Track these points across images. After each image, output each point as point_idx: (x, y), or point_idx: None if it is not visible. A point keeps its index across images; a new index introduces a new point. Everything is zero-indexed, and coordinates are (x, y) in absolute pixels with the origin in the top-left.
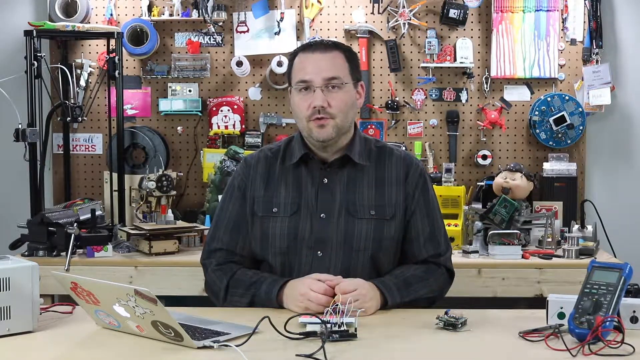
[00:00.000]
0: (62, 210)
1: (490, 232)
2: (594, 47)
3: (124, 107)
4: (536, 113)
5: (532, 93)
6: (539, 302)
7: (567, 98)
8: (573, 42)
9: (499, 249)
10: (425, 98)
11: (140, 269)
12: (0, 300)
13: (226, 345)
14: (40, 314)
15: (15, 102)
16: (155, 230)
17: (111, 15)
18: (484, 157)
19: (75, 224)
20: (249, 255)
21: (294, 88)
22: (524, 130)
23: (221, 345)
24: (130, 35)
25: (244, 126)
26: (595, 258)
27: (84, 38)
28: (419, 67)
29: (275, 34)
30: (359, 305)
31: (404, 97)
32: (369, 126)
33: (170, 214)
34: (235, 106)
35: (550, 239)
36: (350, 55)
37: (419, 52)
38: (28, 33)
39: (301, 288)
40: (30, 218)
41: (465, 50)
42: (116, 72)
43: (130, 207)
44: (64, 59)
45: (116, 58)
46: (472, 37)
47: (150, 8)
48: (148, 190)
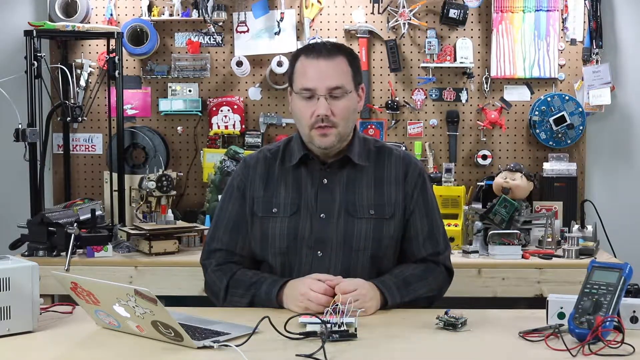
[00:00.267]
0: (62, 210)
1: (490, 232)
2: (594, 47)
3: (124, 107)
4: (536, 113)
5: (532, 93)
6: (539, 302)
7: (567, 98)
8: (573, 42)
9: (499, 249)
10: (425, 98)
11: (140, 269)
12: (0, 300)
13: (226, 345)
14: (40, 314)
15: (15, 102)
16: (155, 230)
17: (111, 15)
18: (484, 157)
19: (75, 224)
20: (249, 255)
21: (296, 94)
22: (524, 130)
23: (221, 345)
24: (130, 35)
25: (244, 126)
26: (595, 258)
27: (84, 38)
28: (419, 67)
29: (275, 34)
30: (359, 305)
31: (404, 97)
32: (369, 126)
33: (170, 214)
34: (235, 106)
35: (550, 239)
36: (352, 59)
37: (419, 52)
38: (28, 33)
39: (301, 288)
40: (30, 218)
41: (465, 50)
42: (116, 72)
43: (130, 207)
44: (64, 59)
45: (116, 58)
46: (472, 37)
47: (150, 8)
48: (148, 190)
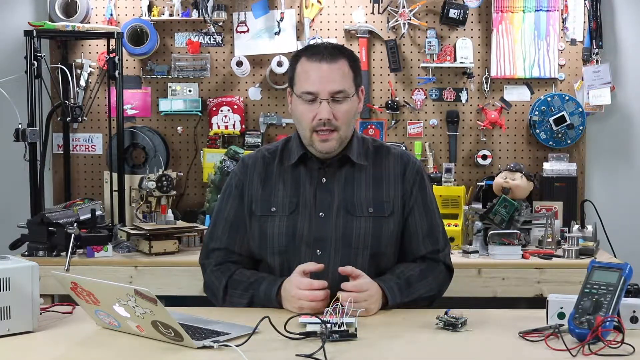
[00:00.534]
0: (62, 210)
1: (490, 232)
2: (594, 47)
3: (124, 107)
4: (536, 113)
5: (532, 93)
6: (539, 302)
7: (567, 98)
8: (573, 42)
9: (499, 249)
10: (425, 98)
11: (140, 269)
12: (0, 300)
13: (226, 345)
14: (40, 314)
15: (15, 102)
16: (155, 230)
17: (111, 15)
18: (484, 157)
19: (75, 224)
20: (248, 254)
21: (298, 97)
22: (524, 130)
23: (221, 345)
24: (130, 35)
25: (244, 126)
26: (595, 258)
27: (84, 38)
28: (419, 67)
29: (275, 34)
30: (365, 306)
31: (404, 97)
32: (369, 126)
33: (170, 214)
34: (235, 106)
35: (550, 239)
36: (353, 62)
37: (419, 52)
38: (28, 33)
39: (291, 289)
40: (30, 218)
41: (465, 50)
42: (116, 72)
43: (130, 207)
44: (64, 59)
45: (116, 58)
46: (472, 37)
47: (150, 8)
48: (148, 190)
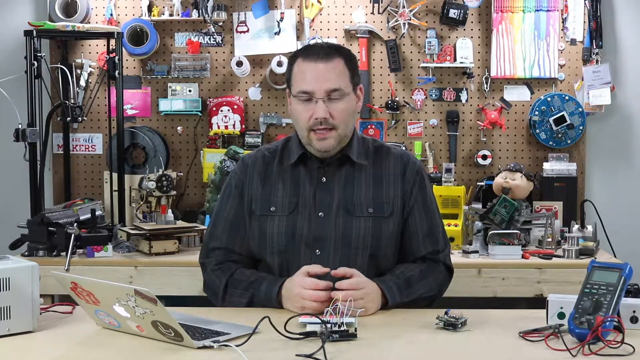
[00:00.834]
0: (62, 210)
1: (490, 232)
2: (594, 47)
3: (124, 107)
4: (536, 113)
5: (532, 93)
6: (539, 302)
7: (567, 98)
8: (573, 42)
9: (499, 249)
10: (425, 98)
11: (140, 269)
12: (0, 300)
13: (226, 345)
14: (40, 314)
15: (15, 102)
16: (155, 230)
17: (111, 15)
18: (484, 157)
19: (75, 224)
20: (248, 254)
21: (294, 97)
22: (524, 130)
23: (221, 345)
24: (130, 35)
25: (244, 126)
26: (595, 258)
27: (84, 38)
28: (419, 67)
29: (275, 34)
30: (362, 305)
31: (404, 97)
32: (369, 126)
33: (170, 214)
34: (235, 106)
35: (550, 239)
36: (350, 60)
37: (419, 52)
38: (28, 33)
39: (294, 288)
40: (30, 218)
41: (465, 50)
42: (116, 72)
43: (130, 207)
44: (64, 59)
45: (116, 58)
46: (472, 37)
47: (150, 8)
48: (148, 190)
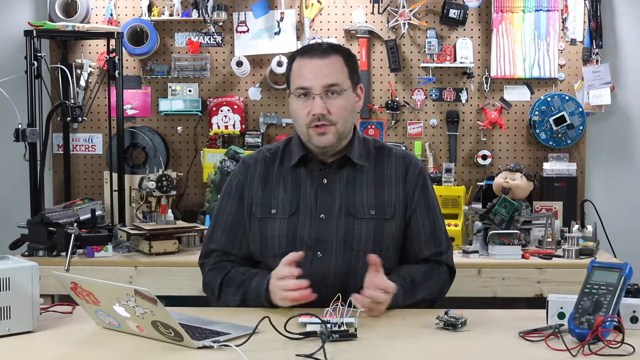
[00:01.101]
0: (62, 210)
1: (490, 232)
2: (594, 47)
3: (124, 107)
4: (536, 113)
5: (532, 93)
6: (539, 302)
7: (567, 98)
8: (573, 42)
9: (499, 249)
10: (425, 98)
11: (140, 269)
12: (0, 300)
13: (226, 345)
14: (40, 314)
15: (15, 102)
16: (155, 230)
17: (111, 15)
18: (484, 157)
19: (75, 224)
20: (247, 256)
21: (292, 94)
22: (524, 130)
23: (221, 345)
24: (130, 35)
25: (244, 126)
26: (595, 258)
27: (84, 38)
28: (419, 67)
29: (275, 34)
30: (381, 309)
31: (404, 97)
32: (369, 126)
33: (170, 214)
34: (235, 106)
35: (550, 239)
36: (348, 58)
37: (419, 52)
38: (28, 33)
39: (272, 283)
40: (30, 218)
41: (465, 50)
42: (116, 72)
43: (130, 207)
44: (64, 59)
45: (116, 58)
46: (472, 37)
47: (150, 8)
48: (148, 190)
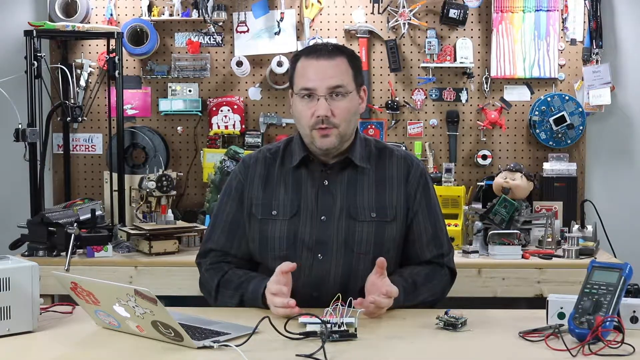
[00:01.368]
0: (62, 210)
1: (490, 232)
2: (594, 47)
3: (124, 107)
4: (536, 113)
5: (532, 93)
6: (539, 302)
7: (567, 98)
8: (573, 42)
9: (499, 249)
10: (425, 98)
11: (140, 269)
12: (0, 300)
13: (226, 345)
14: (40, 314)
15: (15, 102)
16: (155, 230)
17: (111, 15)
18: (484, 157)
19: (75, 224)
20: (245, 256)
21: (296, 94)
22: (524, 130)
23: (221, 345)
24: (130, 35)
25: (244, 126)
26: (595, 258)
27: (84, 38)
28: (419, 67)
29: (275, 34)
30: (381, 313)
31: (404, 97)
32: (369, 126)
33: (170, 214)
34: (235, 106)
35: (550, 239)
36: (353, 60)
37: (419, 52)
38: (28, 33)
39: (267, 293)
40: (30, 218)
41: (465, 50)
42: (116, 72)
43: (130, 207)
44: (64, 59)
45: (116, 58)
46: (472, 37)
47: (150, 8)
48: (148, 190)
